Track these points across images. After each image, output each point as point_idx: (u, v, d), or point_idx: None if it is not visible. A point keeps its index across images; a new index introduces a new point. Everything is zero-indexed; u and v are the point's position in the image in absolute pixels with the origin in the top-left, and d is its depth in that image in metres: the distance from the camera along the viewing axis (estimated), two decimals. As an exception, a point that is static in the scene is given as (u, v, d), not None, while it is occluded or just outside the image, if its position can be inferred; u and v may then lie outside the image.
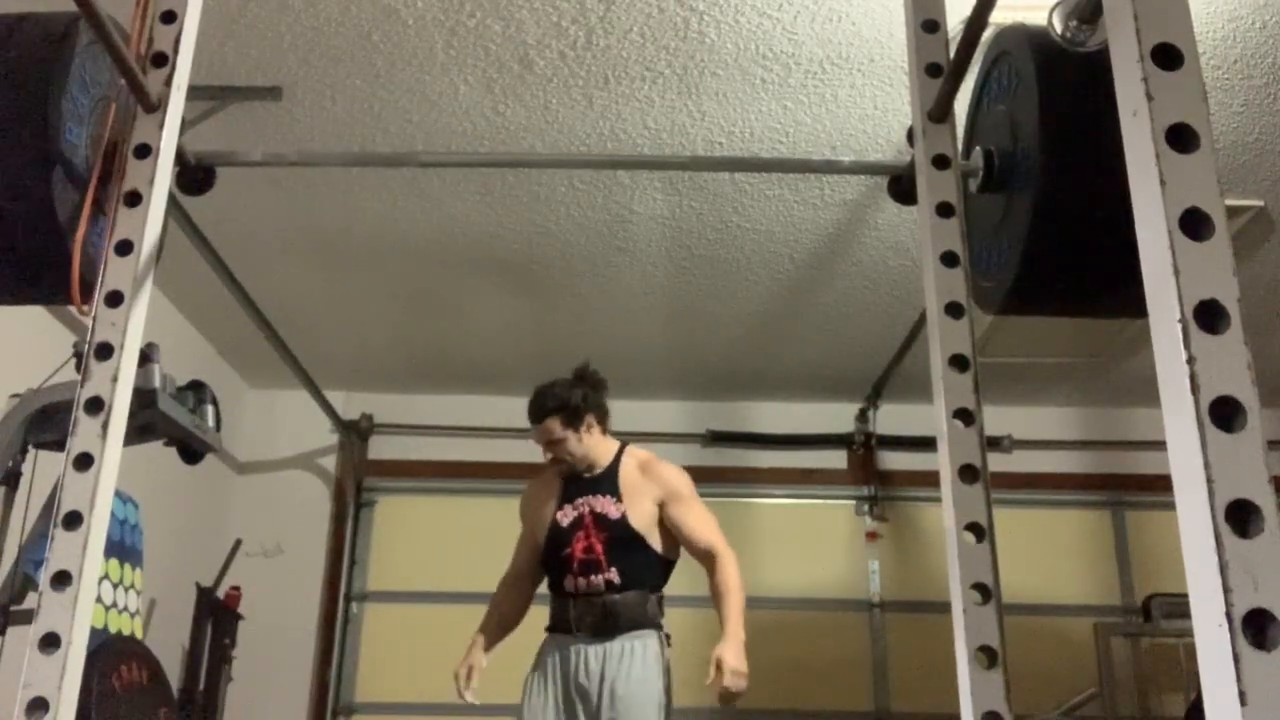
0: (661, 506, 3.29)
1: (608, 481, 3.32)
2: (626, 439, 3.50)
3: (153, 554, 3.84)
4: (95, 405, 1.44)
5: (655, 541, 3.29)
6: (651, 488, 3.31)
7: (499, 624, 3.39)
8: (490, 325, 4.84)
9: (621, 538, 3.24)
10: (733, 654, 3.06)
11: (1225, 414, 0.87)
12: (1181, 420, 0.88)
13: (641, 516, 3.27)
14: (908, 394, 5.19)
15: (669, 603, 3.37)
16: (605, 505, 3.28)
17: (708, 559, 3.27)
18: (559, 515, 3.31)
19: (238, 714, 4.73)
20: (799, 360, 5.14)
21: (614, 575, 3.20)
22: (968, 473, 1.46)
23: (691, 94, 3.24)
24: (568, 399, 3.30)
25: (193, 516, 4.85)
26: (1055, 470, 5.48)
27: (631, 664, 3.16)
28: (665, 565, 3.33)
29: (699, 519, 3.31)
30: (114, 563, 3.39)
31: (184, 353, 4.67)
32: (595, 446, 3.35)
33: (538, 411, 3.32)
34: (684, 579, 3.50)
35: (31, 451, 2.71)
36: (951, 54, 1.66)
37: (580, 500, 3.30)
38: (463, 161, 3.70)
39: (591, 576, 3.21)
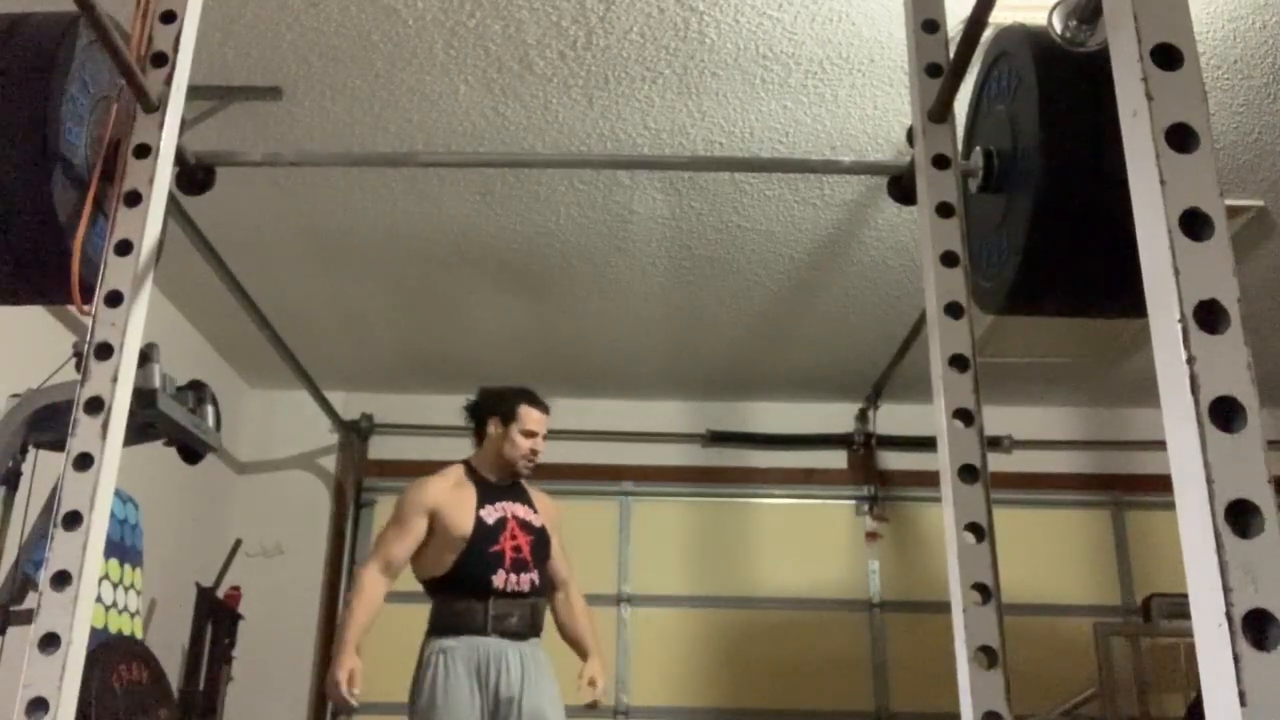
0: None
1: (522, 493, 3.50)
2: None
3: (153, 554, 3.84)
4: (95, 405, 1.43)
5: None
6: (550, 511, 3.54)
7: (371, 622, 3.30)
8: (490, 325, 4.84)
9: (541, 543, 3.41)
10: (602, 672, 3.45)
11: (1225, 414, 0.87)
12: (1181, 420, 0.88)
13: (550, 530, 3.47)
14: (908, 394, 5.19)
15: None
16: (526, 513, 3.43)
17: (565, 586, 3.54)
18: (482, 513, 3.36)
19: (238, 714, 4.73)
20: (799, 360, 5.14)
21: (536, 577, 3.35)
22: (968, 473, 1.46)
23: (691, 94, 3.24)
24: None
25: (193, 516, 4.84)
26: (1055, 470, 5.48)
27: (545, 671, 3.29)
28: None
29: (564, 550, 3.58)
30: (114, 563, 3.40)
31: (184, 353, 4.67)
32: None
33: (547, 408, 3.55)
34: (689, 578, 3.56)
35: (31, 451, 2.72)
36: (951, 54, 1.66)
37: (500, 504, 3.40)
38: (463, 161, 3.70)
39: (522, 574, 3.31)
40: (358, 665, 3.16)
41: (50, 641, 1.32)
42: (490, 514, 3.36)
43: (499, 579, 3.26)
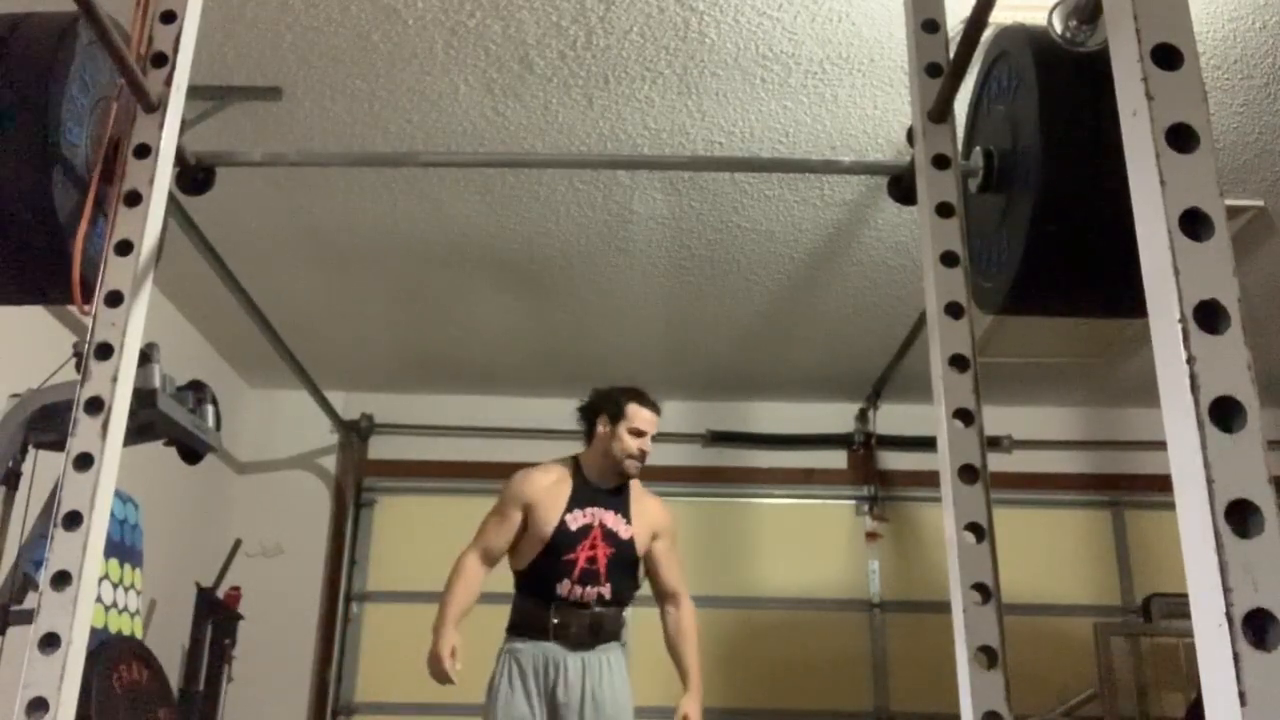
0: (654, 538, 3.44)
1: (621, 501, 3.41)
2: None
3: (153, 554, 3.84)
4: (95, 405, 1.43)
5: (642, 566, 3.43)
6: (653, 519, 3.45)
7: (469, 604, 3.29)
8: (490, 325, 4.84)
9: (624, 558, 3.35)
10: (698, 709, 3.31)
11: (1225, 414, 0.87)
12: (1181, 420, 0.88)
13: (643, 543, 3.40)
14: (908, 394, 5.19)
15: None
16: (617, 523, 3.36)
17: (675, 599, 3.46)
18: (568, 517, 3.31)
19: (238, 714, 4.73)
20: (799, 360, 5.14)
21: (607, 590, 3.30)
22: (968, 473, 1.46)
23: (691, 94, 3.24)
24: None
25: (193, 516, 4.85)
26: (1055, 470, 5.48)
27: (612, 676, 3.27)
28: (638, 586, 3.47)
29: (678, 562, 3.51)
30: (114, 563, 3.39)
31: (184, 353, 4.67)
32: None
33: (657, 408, 3.47)
34: (689, 578, 3.55)
35: (31, 451, 2.72)
36: (951, 54, 1.66)
37: (591, 509, 3.34)
38: (463, 161, 3.70)
39: (589, 587, 3.27)
40: (457, 642, 3.19)
41: (50, 641, 1.32)
42: (576, 519, 3.31)
43: (563, 588, 3.25)
